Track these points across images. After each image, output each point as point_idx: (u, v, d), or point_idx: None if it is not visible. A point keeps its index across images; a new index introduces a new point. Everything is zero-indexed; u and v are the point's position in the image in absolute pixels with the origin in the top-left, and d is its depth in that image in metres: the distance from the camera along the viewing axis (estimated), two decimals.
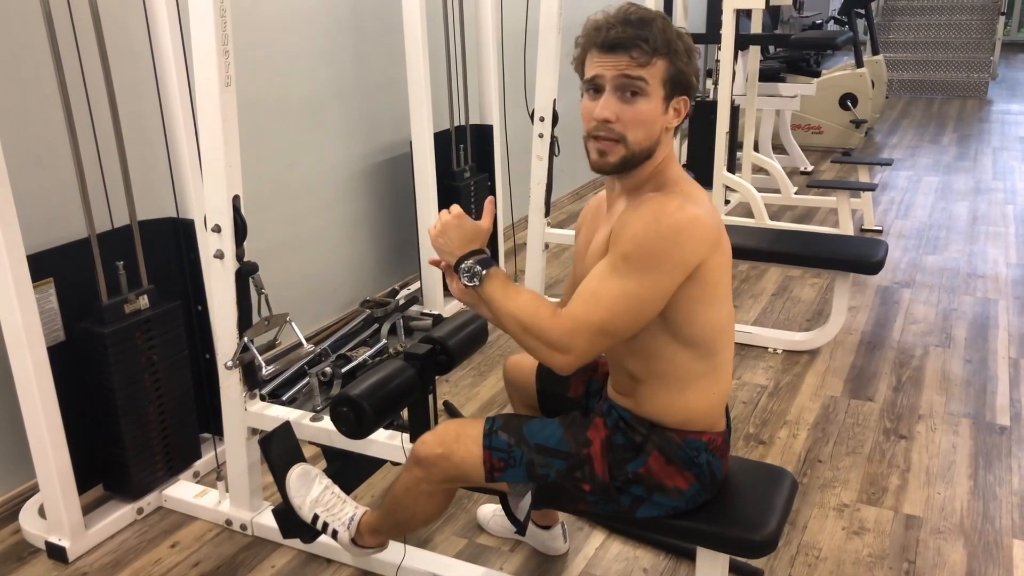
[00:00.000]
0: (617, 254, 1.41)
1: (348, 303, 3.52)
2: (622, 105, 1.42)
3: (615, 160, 1.46)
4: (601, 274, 1.42)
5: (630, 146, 1.44)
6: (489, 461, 1.60)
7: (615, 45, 1.40)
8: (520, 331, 1.45)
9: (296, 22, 3.09)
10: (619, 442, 1.58)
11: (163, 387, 2.29)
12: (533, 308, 1.44)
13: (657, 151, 1.47)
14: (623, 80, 1.41)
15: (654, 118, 1.43)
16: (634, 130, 1.43)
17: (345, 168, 3.43)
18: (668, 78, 1.42)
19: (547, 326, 1.42)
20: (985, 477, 2.44)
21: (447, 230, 1.53)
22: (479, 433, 1.63)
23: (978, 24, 9.31)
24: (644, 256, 1.39)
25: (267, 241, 3.02)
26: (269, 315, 2.09)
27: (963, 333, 3.37)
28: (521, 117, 3.85)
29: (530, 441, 1.60)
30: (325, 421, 2.03)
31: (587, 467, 1.58)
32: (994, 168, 5.96)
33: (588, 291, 1.42)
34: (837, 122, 6.53)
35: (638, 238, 1.39)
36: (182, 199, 2.35)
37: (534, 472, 1.59)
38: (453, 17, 3.54)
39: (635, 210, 1.44)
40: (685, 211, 1.40)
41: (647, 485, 1.56)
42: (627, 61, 1.40)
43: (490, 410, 2.86)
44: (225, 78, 1.89)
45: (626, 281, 1.39)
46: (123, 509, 2.27)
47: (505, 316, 1.47)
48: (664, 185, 1.48)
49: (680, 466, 1.55)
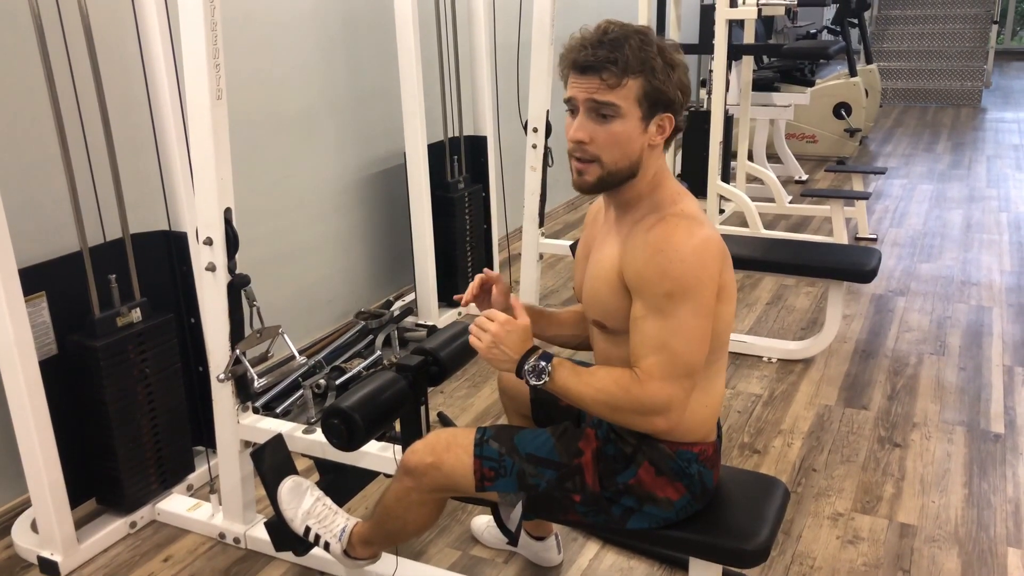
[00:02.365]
0: (658, 296, 1.40)
1: (342, 315, 3.52)
2: (595, 126, 1.42)
3: (592, 180, 1.46)
4: (653, 323, 1.41)
5: (606, 166, 1.44)
6: (480, 470, 1.60)
7: (585, 68, 1.41)
8: (610, 412, 1.45)
9: (289, 35, 3.10)
10: (609, 452, 1.58)
11: (156, 400, 2.29)
12: (613, 384, 1.43)
13: (642, 169, 1.46)
14: (593, 103, 1.41)
15: (630, 138, 1.42)
16: (608, 151, 1.43)
17: (339, 180, 3.44)
18: (643, 96, 1.40)
19: (636, 396, 1.41)
20: (979, 485, 2.44)
21: (499, 341, 1.48)
22: (470, 442, 1.63)
23: (971, 33, 9.35)
24: (684, 288, 1.38)
25: (262, 253, 3.02)
26: (261, 327, 2.08)
27: (957, 341, 3.38)
28: (515, 128, 3.86)
29: (521, 451, 1.60)
30: (317, 433, 2.03)
31: (578, 477, 1.58)
32: (988, 176, 5.98)
33: (653, 344, 1.41)
34: (831, 131, 6.55)
35: (670, 274, 1.38)
36: (174, 212, 2.35)
37: (525, 482, 1.59)
38: (446, 28, 3.55)
39: (644, 243, 1.42)
40: (696, 235, 1.41)
41: (638, 496, 1.56)
42: (597, 83, 1.40)
43: (484, 421, 2.85)
44: (216, 91, 1.90)
45: (682, 318, 1.39)
46: (116, 523, 2.26)
47: (589, 402, 1.46)
48: (661, 205, 1.47)
49: (671, 477, 1.55)
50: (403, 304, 3.60)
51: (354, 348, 3.19)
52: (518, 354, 1.48)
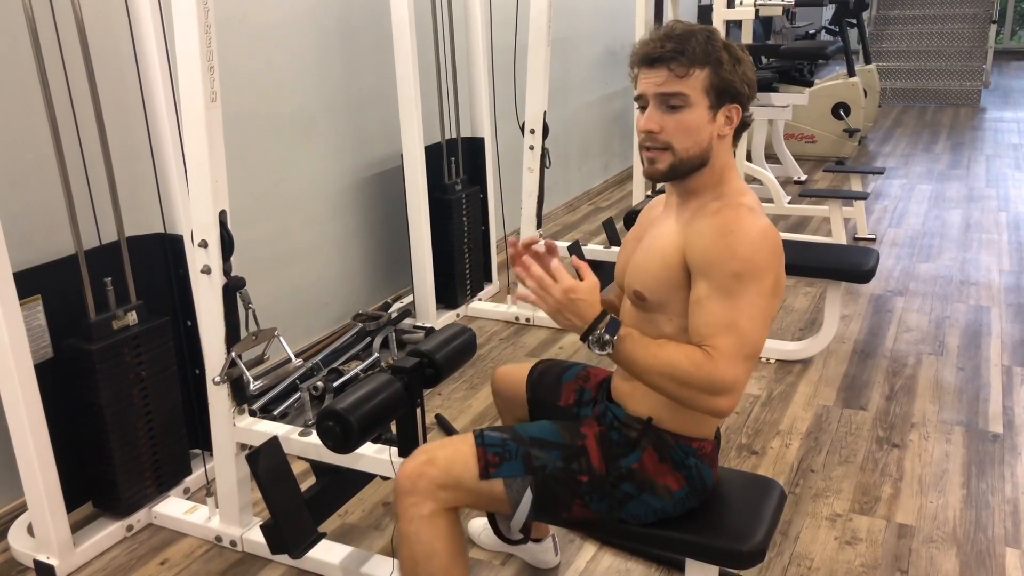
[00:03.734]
0: (725, 276, 1.41)
1: (340, 317, 3.52)
2: (665, 116, 1.47)
3: (664, 167, 1.50)
4: (720, 303, 1.41)
5: (678, 153, 1.48)
6: (483, 457, 1.57)
7: (654, 60, 1.47)
8: (676, 386, 1.43)
9: (285, 36, 3.10)
10: (614, 438, 1.59)
11: (152, 403, 2.28)
12: (684, 358, 1.41)
13: (712, 158, 1.51)
14: (662, 96, 1.46)
15: (699, 126, 1.47)
16: (679, 138, 1.47)
17: (336, 182, 3.44)
18: (710, 87, 1.46)
19: (708, 373, 1.39)
20: (978, 485, 2.43)
21: (562, 308, 1.44)
22: (467, 436, 1.62)
23: (970, 32, 9.35)
24: (754, 269, 1.41)
25: (258, 256, 3.02)
26: (257, 330, 2.08)
27: (956, 341, 3.37)
28: (512, 129, 3.86)
29: (524, 435, 1.60)
30: (313, 436, 2.02)
31: (583, 458, 1.58)
32: (987, 175, 5.98)
33: (721, 323, 1.40)
34: (830, 131, 6.54)
35: (739, 254, 1.41)
36: (170, 215, 2.35)
37: (531, 464, 1.57)
38: (443, 30, 3.55)
39: (711, 226, 1.45)
40: (760, 222, 1.45)
41: (639, 482, 1.56)
42: (665, 74, 1.45)
43: (482, 423, 2.85)
44: (211, 93, 1.90)
45: (749, 299, 1.41)
46: (112, 526, 2.26)
47: (655, 375, 1.44)
48: (727, 195, 1.51)
49: (673, 466, 1.56)
50: (401, 306, 3.60)
51: (352, 350, 3.18)
52: (585, 322, 1.44)
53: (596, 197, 5.84)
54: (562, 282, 1.44)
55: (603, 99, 5.86)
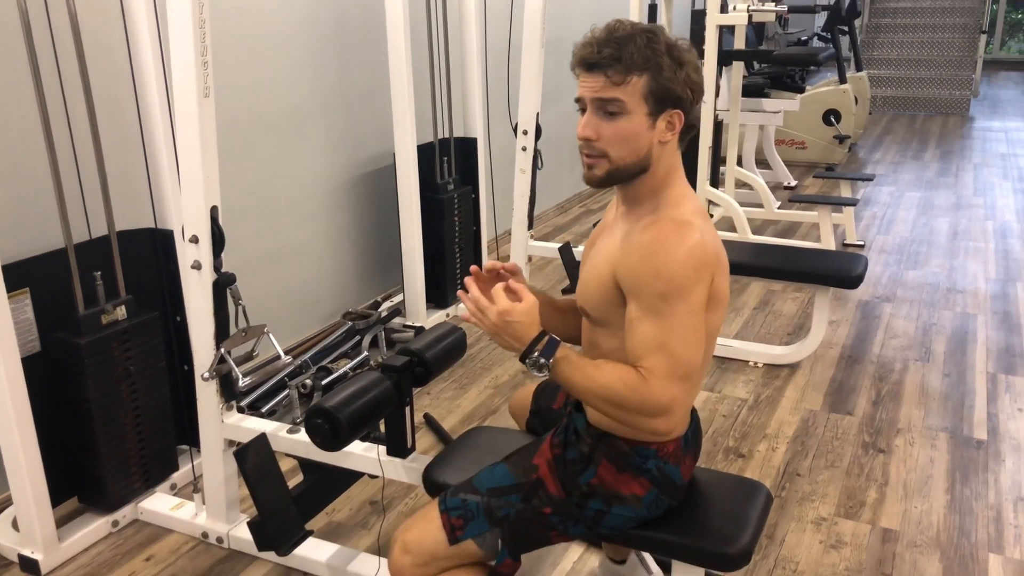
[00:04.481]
0: (652, 297, 1.40)
1: (330, 315, 3.51)
2: (602, 123, 1.44)
3: (600, 174, 1.48)
4: (650, 324, 1.41)
5: (614, 161, 1.46)
6: (448, 523, 1.56)
7: (591, 65, 1.43)
8: (613, 408, 1.43)
9: (280, 33, 3.09)
10: (570, 456, 1.58)
11: (140, 398, 2.28)
12: (618, 380, 1.41)
13: (654, 165, 1.47)
14: (599, 101, 1.44)
15: (637, 134, 1.44)
16: (615, 147, 1.45)
17: (328, 180, 3.43)
18: (649, 93, 1.42)
19: (641, 395, 1.39)
20: (962, 491, 2.45)
21: (499, 331, 1.44)
22: (432, 506, 1.61)
23: (960, 42, 9.42)
24: (679, 288, 1.39)
25: (249, 252, 3.01)
26: (246, 326, 2.08)
27: (942, 347, 3.40)
28: (505, 130, 3.87)
29: (482, 489, 1.59)
30: (301, 433, 2.02)
31: (541, 490, 1.57)
32: (975, 184, 6.02)
33: (652, 344, 1.40)
34: (821, 137, 6.58)
35: (663, 274, 1.39)
36: (161, 210, 2.34)
37: (494, 516, 1.56)
38: (437, 29, 3.55)
39: (638, 245, 1.43)
40: (690, 237, 1.41)
41: (603, 496, 1.55)
42: (602, 81, 1.42)
43: (471, 423, 2.85)
44: (204, 89, 1.89)
45: (678, 318, 1.40)
46: (98, 522, 2.25)
47: (591, 397, 1.44)
48: (662, 205, 1.48)
49: (632, 472, 1.55)
50: (391, 305, 3.59)
51: (341, 349, 3.18)
52: (523, 344, 1.44)
53: (587, 199, 5.85)
54: (498, 304, 1.43)
55: None
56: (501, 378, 3.18)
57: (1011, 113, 8.97)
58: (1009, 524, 2.30)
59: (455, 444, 1.90)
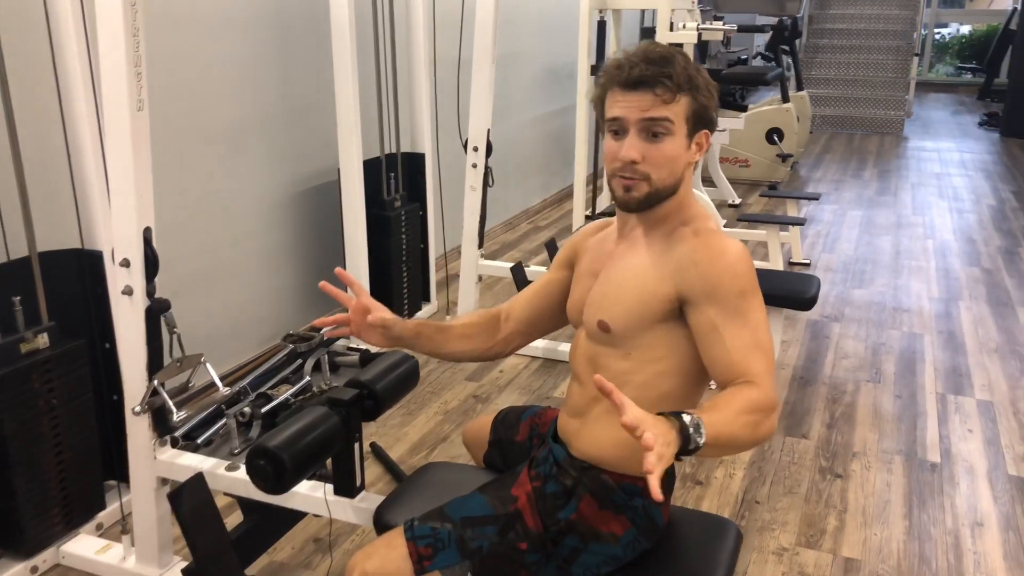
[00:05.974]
0: (733, 297, 1.36)
1: (269, 337, 3.36)
2: (647, 145, 1.40)
3: (640, 196, 1.43)
4: (737, 327, 1.36)
5: (654, 183, 1.42)
6: (415, 551, 1.46)
7: (638, 83, 1.38)
8: (752, 432, 1.28)
9: (218, 42, 2.95)
10: (550, 490, 1.50)
11: (63, 433, 2.11)
12: (745, 410, 1.28)
13: (682, 186, 1.45)
14: (647, 122, 1.39)
15: (678, 155, 1.41)
16: (659, 169, 1.41)
17: (268, 196, 3.29)
18: (691, 114, 1.40)
19: (766, 407, 1.31)
20: (919, 517, 2.43)
21: (665, 455, 1.12)
22: (398, 532, 1.50)
23: (894, 64, 9.68)
24: (751, 284, 1.39)
25: (183, 273, 2.85)
26: (182, 356, 1.94)
27: (892, 368, 3.40)
28: (453, 145, 3.77)
29: (455, 517, 1.50)
30: (241, 471, 1.88)
31: (519, 524, 1.48)
32: (913, 203, 6.14)
33: (749, 347, 1.35)
34: (764, 156, 6.64)
35: (739, 272, 1.38)
36: (88, 229, 2.18)
37: (466, 548, 1.47)
38: (385, 41, 3.45)
39: (696, 249, 1.40)
40: (734, 241, 1.43)
41: (581, 533, 1.48)
42: (651, 99, 1.37)
43: (420, 452, 2.74)
44: (137, 102, 1.76)
45: (758, 313, 1.38)
46: (15, 568, 2.07)
47: (737, 445, 1.29)
48: (692, 219, 1.46)
49: (614, 510, 1.48)
50: None
51: (281, 373, 3.01)
52: (673, 431, 1.17)
53: (535, 216, 5.79)
54: (648, 437, 1.11)
55: (543, 117, 5.81)
56: (451, 403, 3.07)
57: (942, 133, 9.23)
58: (968, 551, 2.28)
59: (408, 482, 1.79)
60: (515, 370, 3.32)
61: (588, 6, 4.10)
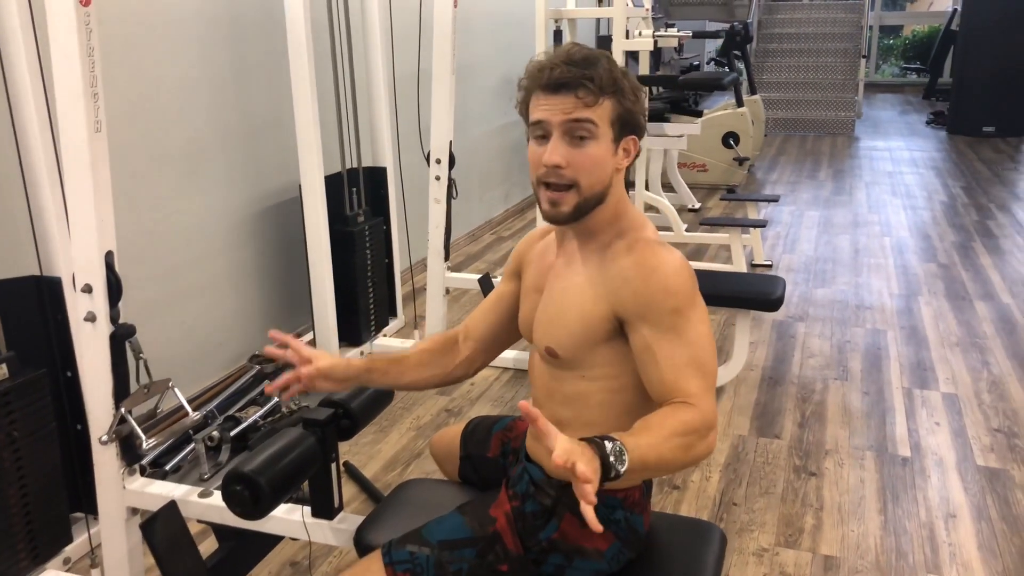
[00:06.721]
0: (666, 314, 1.32)
1: (235, 359, 3.30)
2: (571, 149, 1.35)
3: (568, 209, 1.38)
4: (672, 344, 1.32)
5: (583, 191, 1.37)
6: None
7: (560, 85, 1.33)
8: (684, 454, 1.24)
9: (173, 59, 2.89)
10: (529, 510, 1.48)
11: (25, 466, 2.04)
12: (676, 432, 1.24)
13: (609, 194, 1.41)
14: (570, 124, 1.34)
15: (604, 160, 1.37)
16: (586, 175, 1.36)
17: (229, 215, 3.23)
18: (616, 118, 1.36)
19: (700, 427, 1.26)
20: (894, 511, 2.46)
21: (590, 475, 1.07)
22: (376, 557, 1.47)
23: (842, 66, 9.87)
24: (687, 298, 1.35)
25: (145, 296, 2.78)
26: (149, 382, 1.89)
27: (858, 365, 3.45)
28: (415, 158, 3.75)
29: (433, 540, 1.47)
30: (215, 497, 1.84)
31: (498, 546, 1.46)
32: (868, 202, 6.25)
33: (684, 363, 1.31)
34: (721, 160, 6.72)
35: (672, 288, 1.34)
36: (46, 255, 2.12)
37: (445, 571, 1.44)
38: (342, 55, 3.42)
39: (631, 269, 1.36)
40: (673, 252, 1.39)
41: (564, 551, 1.45)
42: (573, 101, 1.33)
43: (394, 469, 2.70)
44: (95, 123, 1.71)
45: (695, 328, 1.34)
46: None
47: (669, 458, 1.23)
48: (628, 230, 1.42)
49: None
50: None
51: (249, 395, 2.96)
52: (597, 458, 1.12)
53: (498, 226, 5.78)
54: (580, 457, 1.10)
55: (502, 128, 5.82)
56: (423, 419, 3.03)
57: (892, 133, 9.43)
58: (943, 543, 2.31)
59: (388, 500, 1.76)
60: (486, 382, 3.30)
61: (544, 15, 4.12)
